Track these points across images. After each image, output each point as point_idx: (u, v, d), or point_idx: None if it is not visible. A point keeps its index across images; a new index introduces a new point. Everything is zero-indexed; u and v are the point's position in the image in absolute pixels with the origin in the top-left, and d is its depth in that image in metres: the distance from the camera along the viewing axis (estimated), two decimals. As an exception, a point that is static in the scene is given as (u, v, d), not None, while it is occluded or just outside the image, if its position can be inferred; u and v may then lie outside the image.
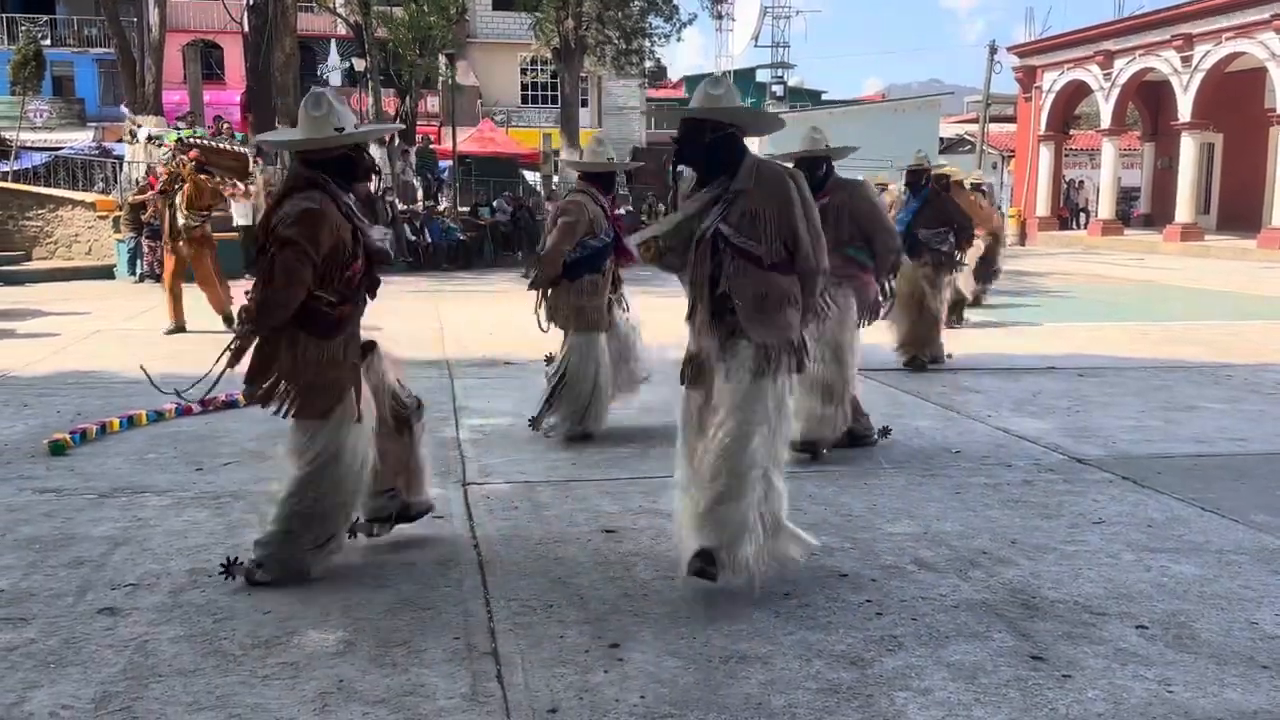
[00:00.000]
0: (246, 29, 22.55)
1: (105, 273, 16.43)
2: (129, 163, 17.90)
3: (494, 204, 21.83)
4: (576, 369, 5.84)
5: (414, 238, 18.76)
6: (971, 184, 12.71)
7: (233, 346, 3.77)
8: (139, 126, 17.31)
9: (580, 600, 3.60)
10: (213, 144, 12.36)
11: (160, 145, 14.48)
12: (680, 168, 3.82)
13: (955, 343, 8.84)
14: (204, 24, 36.62)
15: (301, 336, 3.68)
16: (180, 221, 10.17)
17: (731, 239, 3.62)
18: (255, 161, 13.23)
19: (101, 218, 17.39)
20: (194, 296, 10.37)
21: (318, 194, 3.66)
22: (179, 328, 10.20)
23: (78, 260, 17.46)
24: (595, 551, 4.09)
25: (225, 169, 11.44)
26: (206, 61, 36.71)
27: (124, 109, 18.20)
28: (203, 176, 10.31)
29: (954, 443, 5.92)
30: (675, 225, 3.76)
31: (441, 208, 21.11)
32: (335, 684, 2.98)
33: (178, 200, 10.18)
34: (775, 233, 3.63)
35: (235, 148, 12.92)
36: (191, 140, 12.06)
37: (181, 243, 10.26)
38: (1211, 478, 5.22)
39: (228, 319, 9.87)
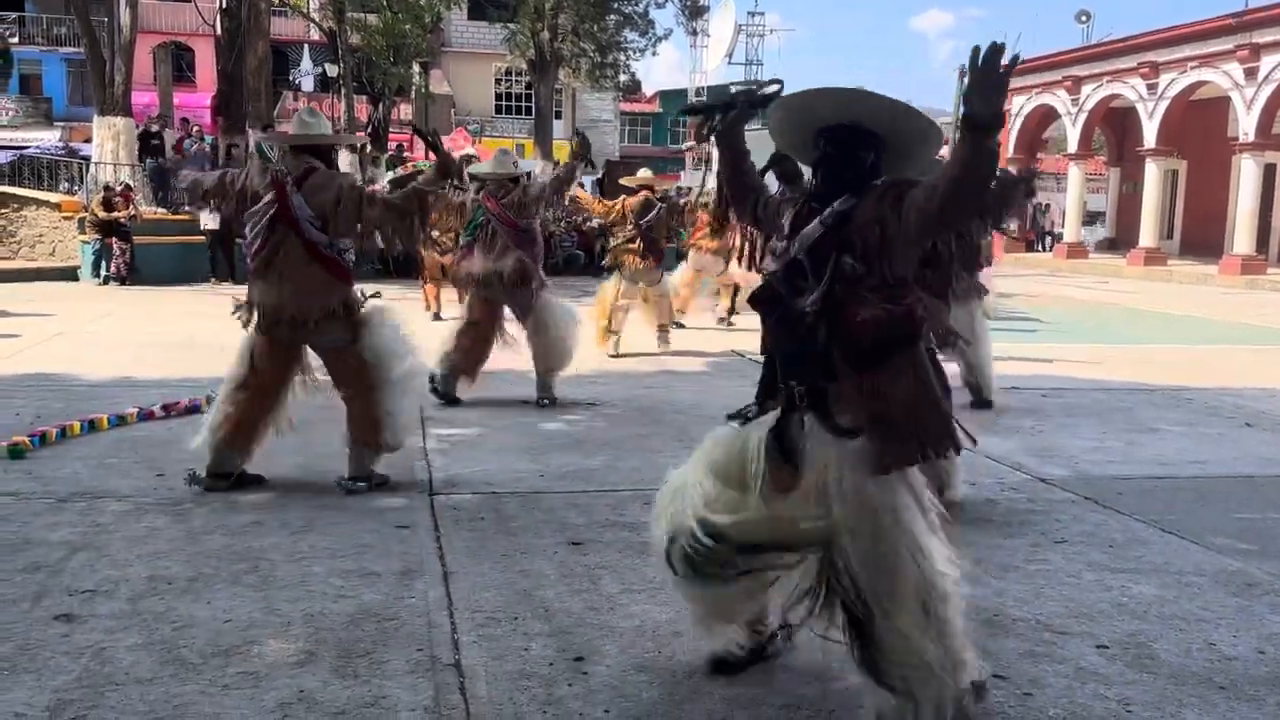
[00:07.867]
0: (219, 32, 22.42)
1: (69, 274, 16.20)
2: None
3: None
4: None
5: (382, 245, 18.63)
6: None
7: None
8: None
9: (545, 613, 3.58)
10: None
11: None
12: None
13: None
14: (176, 26, 36.37)
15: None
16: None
17: None
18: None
19: (67, 218, 17.16)
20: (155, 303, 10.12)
21: None
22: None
23: (41, 261, 17.23)
24: (561, 564, 4.08)
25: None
26: (177, 63, 36.46)
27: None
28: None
29: (920, 461, 5.95)
30: None
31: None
32: (296, 694, 2.95)
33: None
34: None
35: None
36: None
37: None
38: (1172, 499, 5.29)
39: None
